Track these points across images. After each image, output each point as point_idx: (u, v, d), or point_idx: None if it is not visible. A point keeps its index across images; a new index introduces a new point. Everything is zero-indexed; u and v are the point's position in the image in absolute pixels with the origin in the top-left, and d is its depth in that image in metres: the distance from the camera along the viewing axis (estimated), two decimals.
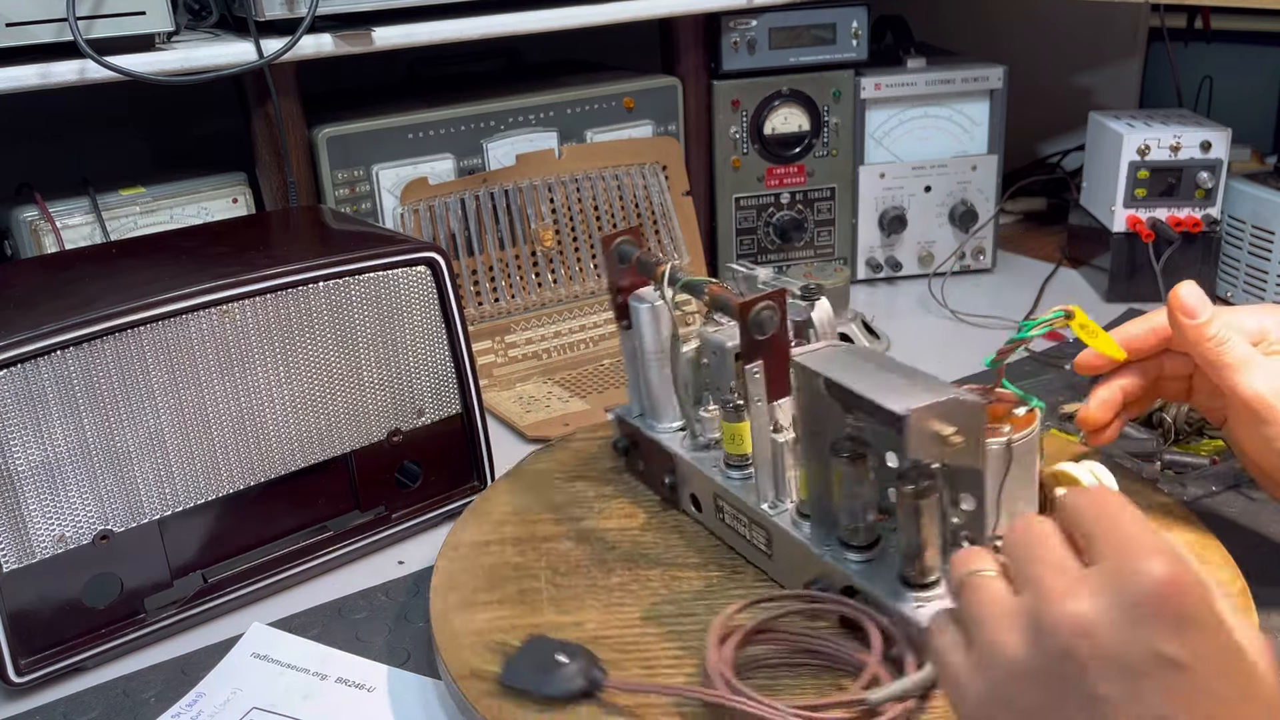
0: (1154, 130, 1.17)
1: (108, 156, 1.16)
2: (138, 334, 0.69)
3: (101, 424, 0.68)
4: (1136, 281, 1.20)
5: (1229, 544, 0.74)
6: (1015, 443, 0.59)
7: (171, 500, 0.72)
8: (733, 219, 1.25)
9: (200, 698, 0.67)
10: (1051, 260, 1.35)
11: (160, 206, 0.97)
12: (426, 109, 1.07)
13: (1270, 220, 1.14)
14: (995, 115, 1.27)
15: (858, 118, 1.25)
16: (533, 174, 1.09)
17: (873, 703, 0.54)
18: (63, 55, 0.84)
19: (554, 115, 1.12)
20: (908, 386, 0.56)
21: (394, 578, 0.79)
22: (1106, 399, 0.70)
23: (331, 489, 0.80)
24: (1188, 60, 1.47)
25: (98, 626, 0.71)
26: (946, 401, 0.55)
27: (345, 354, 0.78)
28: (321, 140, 1.02)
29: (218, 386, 0.72)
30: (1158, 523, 0.72)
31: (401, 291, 0.79)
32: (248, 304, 0.73)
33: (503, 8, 1.03)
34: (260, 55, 0.90)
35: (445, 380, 0.83)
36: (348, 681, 0.68)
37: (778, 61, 1.21)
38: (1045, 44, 1.59)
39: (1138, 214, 1.19)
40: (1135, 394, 0.71)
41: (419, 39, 0.99)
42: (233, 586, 0.76)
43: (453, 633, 0.66)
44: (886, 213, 1.28)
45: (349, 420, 0.79)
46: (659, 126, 1.18)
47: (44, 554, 0.68)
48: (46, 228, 0.93)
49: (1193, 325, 0.65)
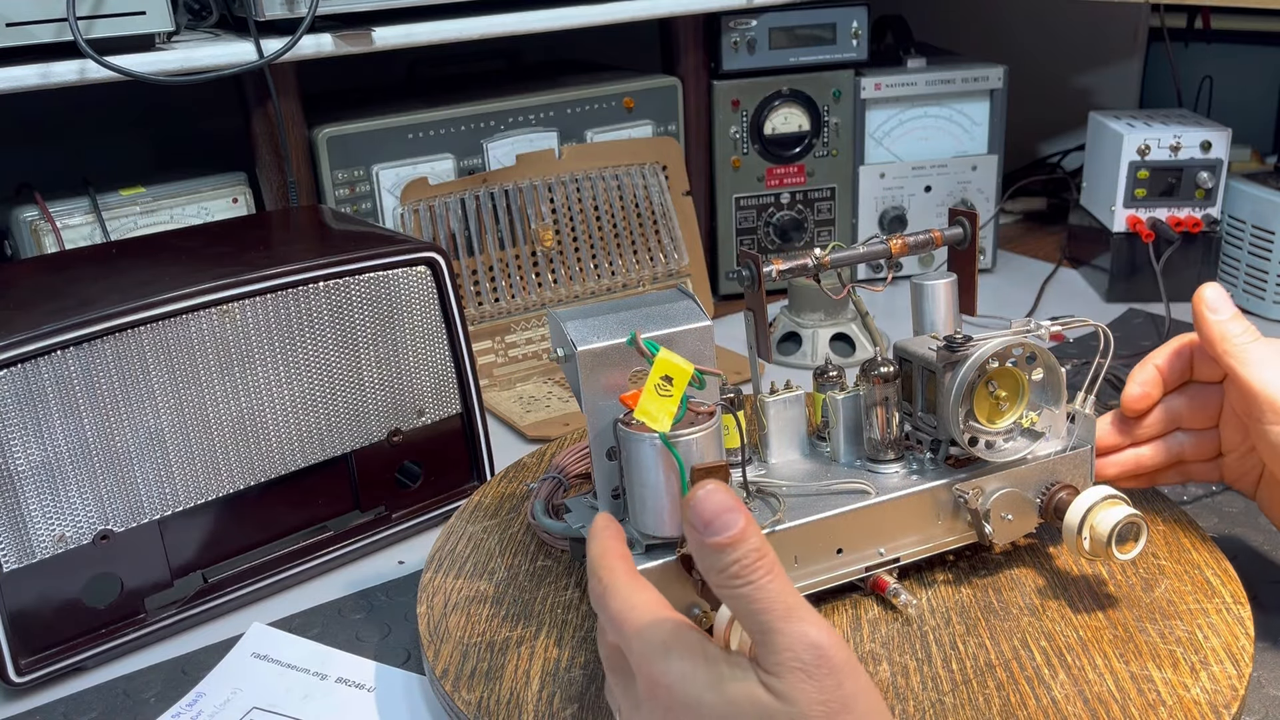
0: (1154, 130, 1.17)
1: (108, 156, 1.17)
2: (138, 334, 0.69)
3: (101, 424, 0.68)
4: (1136, 281, 1.20)
5: (1229, 544, 0.75)
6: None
7: (171, 500, 0.72)
8: (733, 219, 1.25)
9: (200, 698, 0.67)
10: (1051, 260, 1.35)
11: (160, 206, 0.97)
12: (426, 109, 1.07)
13: (1270, 220, 1.14)
14: (995, 115, 1.27)
15: (858, 118, 1.25)
16: (533, 174, 1.09)
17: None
18: (63, 55, 0.84)
19: (554, 115, 1.12)
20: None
21: (394, 578, 0.79)
22: (1143, 378, 0.70)
23: (331, 489, 0.80)
24: (1188, 60, 1.47)
25: (98, 626, 0.71)
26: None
27: (345, 354, 0.78)
28: (321, 140, 1.02)
29: (218, 386, 0.72)
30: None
31: (401, 291, 0.79)
32: (248, 304, 0.73)
33: (503, 8, 1.03)
34: (260, 55, 0.90)
35: (445, 380, 0.83)
36: (348, 681, 0.68)
37: (778, 61, 1.21)
38: (1045, 44, 1.59)
39: (1138, 214, 1.19)
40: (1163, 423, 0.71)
41: (419, 39, 0.99)
42: (233, 586, 0.76)
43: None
44: (886, 213, 1.28)
45: (349, 420, 0.79)
46: (659, 126, 1.18)
47: (44, 554, 0.68)
48: (46, 228, 0.93)
49: (1217, 320, 0.65)
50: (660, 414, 0.58)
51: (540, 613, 0.67)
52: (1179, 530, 0.71)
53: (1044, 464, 0.66)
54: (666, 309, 0.64)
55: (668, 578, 0.60)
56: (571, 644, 0.64)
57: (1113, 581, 0.66)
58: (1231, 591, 0.65)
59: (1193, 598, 0.64)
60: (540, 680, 0.61)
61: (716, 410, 0.61)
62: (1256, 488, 0.69)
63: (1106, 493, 0.63)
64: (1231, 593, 0.65)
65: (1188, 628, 0.62)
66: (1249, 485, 0.69)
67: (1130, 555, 0.62)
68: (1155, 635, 0.61)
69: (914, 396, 0.67)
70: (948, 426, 0.64)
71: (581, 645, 0.64)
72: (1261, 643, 0.63)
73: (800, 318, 1.11)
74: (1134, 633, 0.62)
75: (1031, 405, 0.66)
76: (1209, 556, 0.68)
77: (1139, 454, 0.71)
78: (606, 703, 0.58)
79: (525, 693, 0.60)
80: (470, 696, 0.60)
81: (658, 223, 1.16)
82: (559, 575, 0.71)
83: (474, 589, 0.70)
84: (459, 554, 0.74)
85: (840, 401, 0.68)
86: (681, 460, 0.58)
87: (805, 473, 0.69)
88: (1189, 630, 0.62)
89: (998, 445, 0.65)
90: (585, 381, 0.61)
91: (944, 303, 0.70)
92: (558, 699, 0.59)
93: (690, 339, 0.62)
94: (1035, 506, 0.66)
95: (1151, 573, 0.67)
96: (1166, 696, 0.57)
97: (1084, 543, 0.63)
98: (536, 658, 0.63)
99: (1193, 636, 0.61)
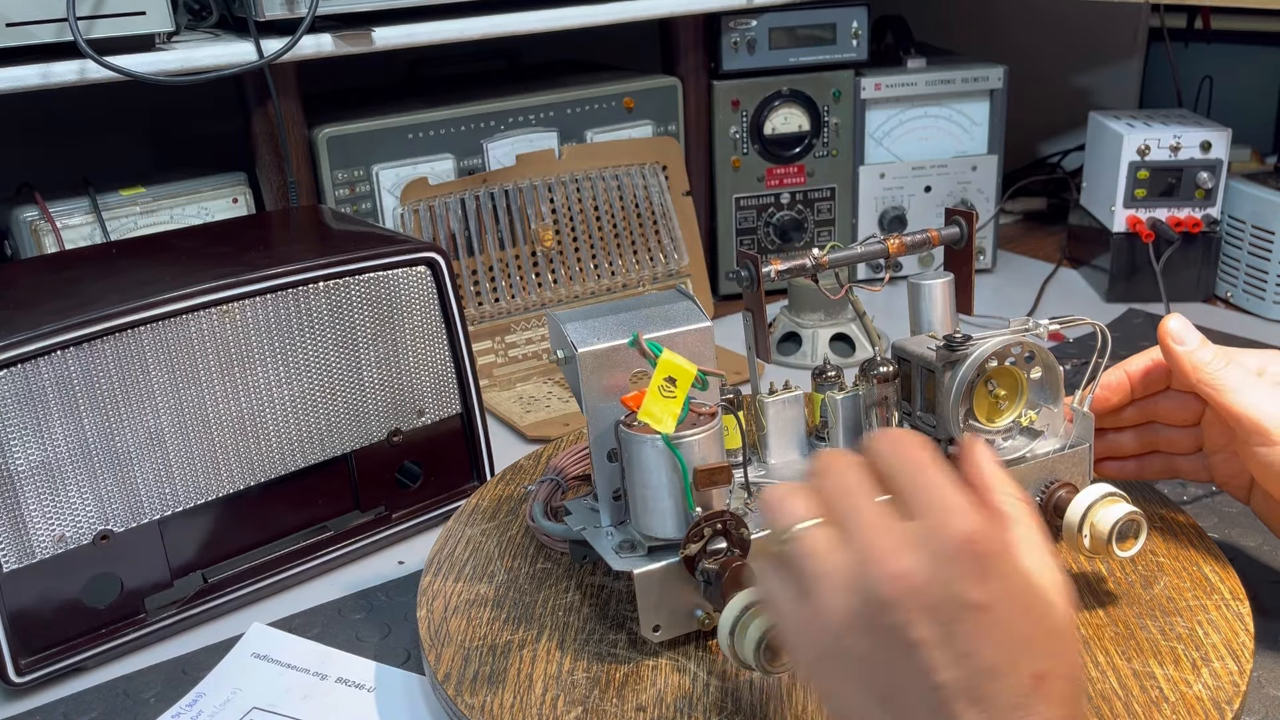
0: (1154, 130, 1.17)
1: (108, 156, 1.17)
2: (138, 334, 0.69)
3: (101, 424, 0.68)
4: (1136, 281, 1.20)
5: (1229, 545, 0.75)
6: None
7: (171, 500, 0.72)
8: (733, 219, 1.25)
9: (200, 698, 0.67)
10: (1051, 260, 1.35)
11: (160, 206, 0.97)
12: (426, 109, 1.07)
13: (1270, 220, 1.14)
14: (995, 115, 1.27)
15: (858, 118, 1.25)
16: (533, 174, 1.09)
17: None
18: (63, 55, 0.84)
19: (554, 115, 1.12)
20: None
21: (394, 578, 0.79)
22: (1107, 381, 0.71)
23: (331, 489, 0.80)
24: (1188, 60, 1.47)
25: (98, 626, 0.71)
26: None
27: (345, 354, 0.78)
28: (321, 140, 1.02)
29: (218, 386, 0.72)
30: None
31: (401, 291, 0.79)
32: (248, 304, 0.73)
33: (503, 8, 1.03)
34: (260, 55, 0.90)
35: (445, 380, 0.83)
36: (347, 681, 0.68)
37: (778, 61, 1.21)
38: (1045, 44, 1.59)
39: (1138, 214, 1.19)
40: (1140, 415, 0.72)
41: (419, 39, 0.99)
42: (233, 586, 0.76)
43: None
44: (886, 213, 1.28)
45: (349, 420, 0.79)
46: (659, 126, 1.18)
47: (44, 554, 0.68)
48: (46, 228, 0.93)
49: (1186, 352, 0.66)
50: (664, 415, 0.58)
51: (541, 615, 0.67)
52: (1176, 527, 0.71)
53: (1043, 462, 0.66)
54: (666, 310, 0.64)
55: (670, 579, 0.60)
56: (574, 647, 0.64)
57: (1112, 579, 0.66)
58: (1230, 588, 0.65)
59: (1192, 594, 0.64)
60: (544, 684, 0.61)
61: (718, 411, 0.61)
62: (1249, 493, 0.69)
63: (1106, 490, 0.63)
64: (1230, 589, 0.65)
65: (1188, 624, 0.62)
66: (1240, 489, 0.69)
67: (1130, 552, 0.63)
68: (1156, 632, 0.62)
69: (913, 396, 0.68)
70: (947, 426, 0.64)
71: (584, 648, 0.64)
72: (1261, 643, 0.63)
73: (800, 318, 1.11)
74: (1135, 630, 0.62)
75: (1030, 404, 0.66)
76: (1206, 553, 0.68)
77: (1114, 438, 0.72)
78: (609, 706, 0.58)
79: (529, 696, 0.60)
80: (474, 701, 0.60)
81: (658, 223, 1.16)
82: (559, 578, 0.70)
83: (474, 592, 0.70)
84: (458, 557, 0.74)
85: (839, 401, 0.68)
86: (684, 461, 0.58)
87: (804, 473, 0.68)
88: (1189, 626, 0.62)
89: (997, 444, 0.65)
90: (586, 383, 0.61)
91: (941, 302, 0.70)
92: (561, 702, 0.59)
93: (690, 340, 0.62)
94: (1034, 505, 0.66)
95: (1150, 570, 0.67)
96: (1169, 693, 0.57)
97: (1084, 540, 0.63)
98: (539, 661, 0.63)
99: (1193, 633, 0.61)
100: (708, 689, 0.59)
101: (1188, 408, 0.70)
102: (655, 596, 0.61)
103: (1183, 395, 0.70)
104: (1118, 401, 0.71)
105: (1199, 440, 0.70)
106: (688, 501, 0.59)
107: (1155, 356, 0.70)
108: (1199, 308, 1.19)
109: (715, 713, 0.58)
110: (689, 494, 0.58)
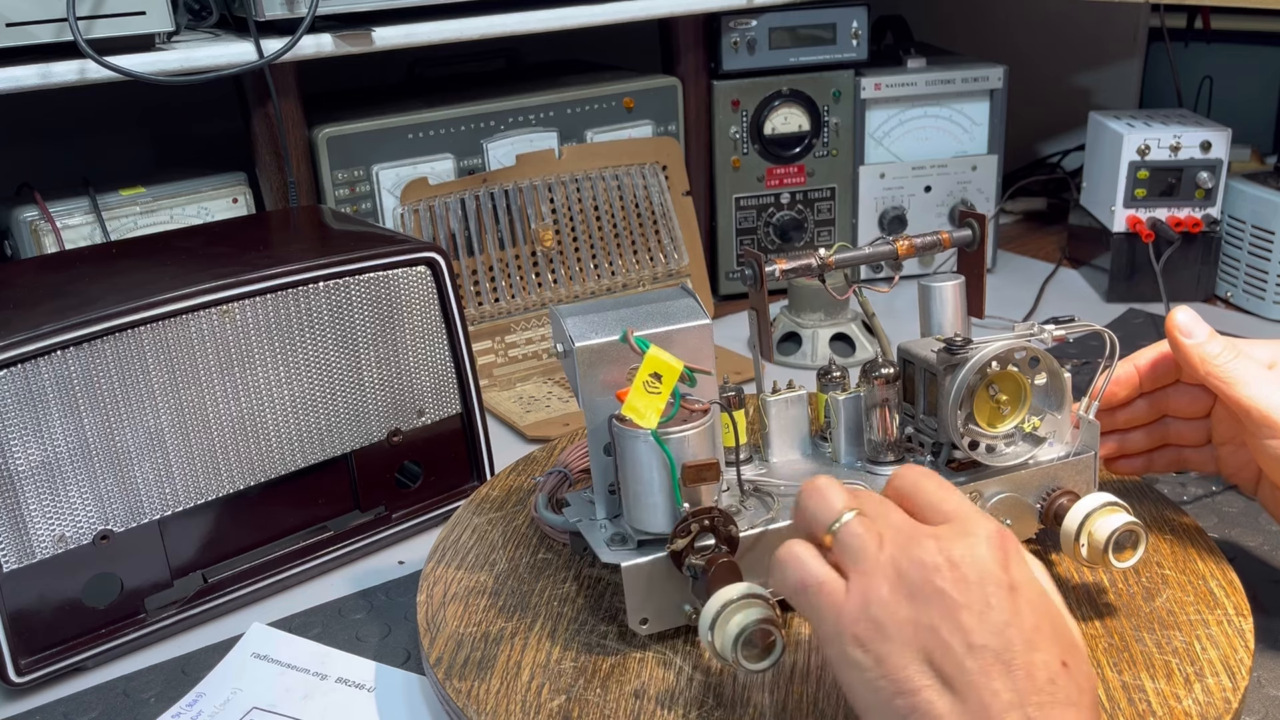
0: (1154, 130, 1.17)
1: (108, 156, 1.16)
2: (138, 334, 0.69)
3: (101, 424, 0.68)
4: (1136, 282, 1.20)
5: (1229, 545, 0.75)
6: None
7: (171, 500, 0.72)
8: (733, 219, 1.25)
9: (200, 698, 0.67)
10: (1051, 260, 1.35)
11: (160, 206, 0.97)
12: (426, 109, 1.07)
13: (1270, 220, 1.14)
14: (995, 115, 1.27)
15: (858, 118, 1.25)
16: (533, 174, 1.09)
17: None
18: (63, 55, 0.84)
19: (554, 115, 1.12)
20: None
21: (394, 578, 0.79)
22: (1117, 375, 0.70)
23: (331, 489, 0.80)
24: (1188, 60, 1.47)
25: (98, 626, 0.71)
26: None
27: (345, 354, 0.78)
28: (321, 140, 1.02)
29: (218, 386, 0.72)
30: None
31: (401, 291, 0.79)
32: (248, 304, 0.73)
33: (503, 8, 1.03)
34: (260, 55, 0.90)
35: (445, 380, 0.83)
36: (347, 681, 0.68)
37: (778, 61, 1.21)
38: (1045, 44, 1.59)
39: (1138, 214, 1.19)
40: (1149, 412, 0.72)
41: (419, 39, 0.99)
42: (233, 586, 0.76)
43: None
44: (886, 213, 1.28)
45: (349, 420, 0.79)
46: (659, 126, 1.18)
47: (44, 554, 0.67)
48: (46, 228, 0.93)
49: (1194, 344, 0.65)
50: (648, 411, 0.58)
51: (536, 605, 0.67)
52: (1186, 540, 0.70)
53: (1045, 469, 0.66)
54: (667, 307, 0.64)
55: (659, 573, 0.61)
56: (564, 636, 0.64)
57: (1113, 590, 0.66)
58: (1235, 604, 0.64)
59: (1194, 609, 0.63)
60: (530, 671, 0.61)
61: (711, 408, 0.61)
62: (1256, 486, 0.68)
63: (1106, 499, 0.62)
64: (1235, 605, 0.64)
65: (1186, 639, 0.61)
66: (1248, 481, 0.69)
67: (1128, 563, 0.62)
68: (1151, 645, 0.61)
69: (916, 398, 0.67)
70: (947, 429, 0.64)
71: (574, 638, 0.64)
72: (1261, 643, 0.63)
73: (800, 318, 1.11)
74: (1130, 642, 0.61)
75: (1034, 410, 0.65)
76: (1214, 567, 0.67)
77: (1124, 437, 0.72)
78: (592, 696, 0.59)
79: (515, 683, 0.60)
80: (461, 685, 0.60)
81: (658, 223, 1.15)
82: (558, 569, 0.71)
83: (474, 580, 0.70)
84: (463, 545, 0.74)
85: (841, 402, 0.68)
86: (672, 457, 0.58)
87: (805, 473, 0.68)
88: (1186, 641, 0.61)
89: (998, 449, 0.65)
90: (583, 377, 0.62)
91: (952, 305, 0.70)
92: (546, 690, 0.60)
93: (689, 337, 0.62)
94: (1035, 512, 0.66)
95: (1154, 582, 0.66)
96: (1157, 707, 0.56)
97: (1082, 549, 0.62)
98: (529, 649, 0.63)
99: (1190, 648, 0.60)
100: (691, 683, 0.60)
101: (1197, 401, 0.69)
102: (643, 590, 0.61)
103: (1192, 388, 0.69)
104: (1126, 395, 0.71)
105: (1208, 433, 0.70)
106: (675, 496, 0.59)
107: (1163, 349, 0.69)
108: (1199, 308, 1.19)
109: (695, 707, 0.58)
110: (676, 489, 0.59)
